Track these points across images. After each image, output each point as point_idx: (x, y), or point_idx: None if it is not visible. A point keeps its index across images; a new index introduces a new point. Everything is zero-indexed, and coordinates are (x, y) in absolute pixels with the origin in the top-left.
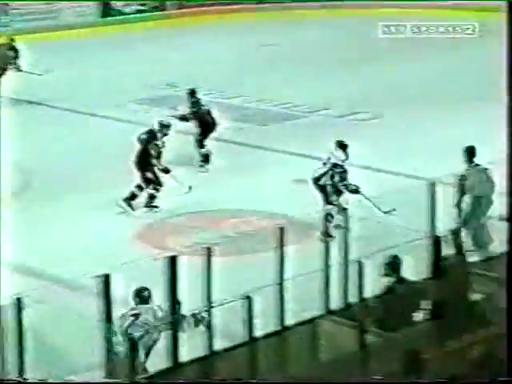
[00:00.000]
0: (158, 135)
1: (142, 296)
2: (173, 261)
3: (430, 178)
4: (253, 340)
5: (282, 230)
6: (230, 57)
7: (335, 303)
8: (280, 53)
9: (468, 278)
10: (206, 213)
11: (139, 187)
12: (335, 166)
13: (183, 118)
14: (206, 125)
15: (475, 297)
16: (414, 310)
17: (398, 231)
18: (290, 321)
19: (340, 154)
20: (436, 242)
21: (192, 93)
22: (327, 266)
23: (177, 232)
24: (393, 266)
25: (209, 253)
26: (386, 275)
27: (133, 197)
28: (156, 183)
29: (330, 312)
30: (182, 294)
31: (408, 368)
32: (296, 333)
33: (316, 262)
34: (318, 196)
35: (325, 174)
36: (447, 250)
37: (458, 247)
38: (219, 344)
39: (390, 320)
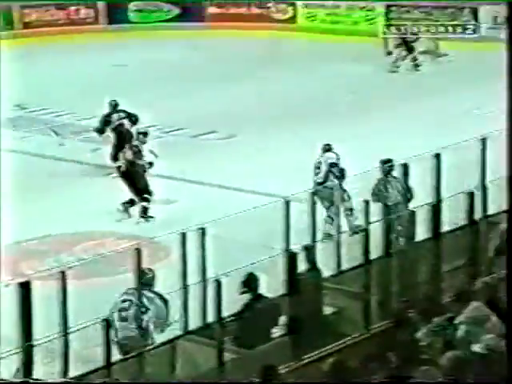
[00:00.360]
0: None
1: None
2: (25, 286)
3: (285, 195)
4: (110, 364)
5: (138, 251)
6: (81, 77)
7: (194, 323)
8: (135, 73)
9: (321, 292)
10: (61, 235)
11: (146, 200)
12: (332, 165)
13: (99, 131)
14: (122, 137)
15: (328, 311)
16: (271, 326)
17: (255, 248)
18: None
19: (331, 155)
20: (290, 258)
21: (114, 106)
22: (186, 286)
23: (30, 256)
24: (249, 283)
25: (63, 277)
26: (244, 293)
27: (145, 211)
28: (146, 193)
29: (188, 332)
30: (36, 319)
31: (265, 382)
32: (155, 354)
33: (175, 282)
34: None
35: (327, 176)
36: (302, 266)
37: (312, 263)
38: (74, 369)
39: (248, 337)
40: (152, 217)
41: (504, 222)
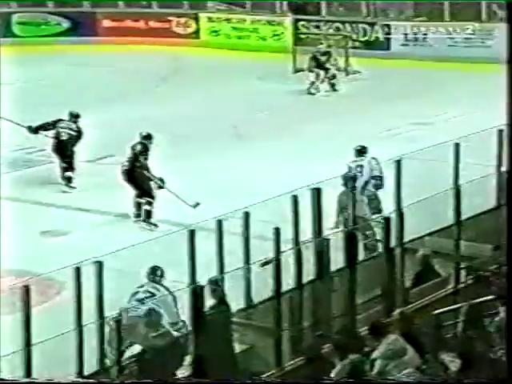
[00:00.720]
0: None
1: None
2: None
3: (190, 224)
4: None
5: (26, 288)
6: None
7: (91, 366)
8: (18, 92)
9: (230, 329)
10: None
11: (149, 203)
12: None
13: (32, 129)
14: (59, 147)
15: (238, 348)
16: (175, 366)
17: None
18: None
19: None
20: (195, 293)
21: (71, 116)
22: (80, 327)
23: None
24: (152, 320)
25: None
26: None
27: (148, 216)
28: (150, 196)
29: (83, 377)
30: None
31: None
32: None
33: (68, 322)
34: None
35: (367, 182)
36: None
37: (220, 297)
38: None
39: (152, 377)
40: (156, 225)
41: (422, 249)
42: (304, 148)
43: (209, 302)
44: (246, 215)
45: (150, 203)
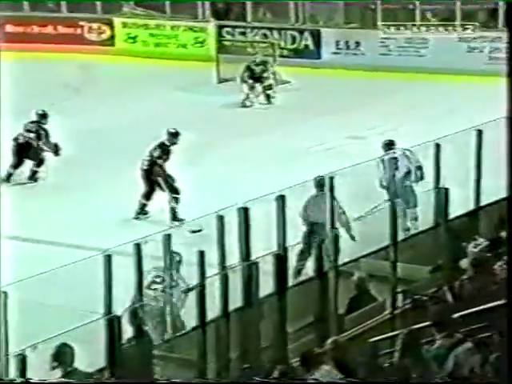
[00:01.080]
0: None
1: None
2: None
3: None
4: None
5: None
6: None
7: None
8: None
9: (151, 362)
10: None
11: (174, 199)
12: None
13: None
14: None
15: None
16: None
17: (69, 314)
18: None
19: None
20: (111, 324)
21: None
22: None
23: None
24: (61, 356)
25: None
26: (55, 368)
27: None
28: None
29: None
30: None
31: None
32: None
33: None
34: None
35: (409, 172)
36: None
37: (138, 328)
38: None
39: None
40: (182, 220)
41: (357, 272)
42: (229, 165)
43: (127, 333)
44: (168, 237)
45: (176, 199)
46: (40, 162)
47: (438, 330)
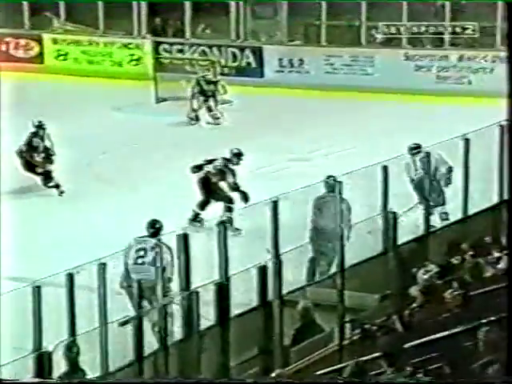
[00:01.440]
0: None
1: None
2: None
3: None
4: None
5: None
6: None
7: None
8: None
9: None
10: None
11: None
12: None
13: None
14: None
15: None
16: None
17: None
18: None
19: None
20: (40, 360)
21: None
22: None
23: None
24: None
25: None
26: None
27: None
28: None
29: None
30: None
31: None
32: None
33: None
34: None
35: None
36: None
37: (73, 363)
38: None
39: None
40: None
41: (303, 301)
42: (167, 190)
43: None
44: (103, 266)
45: (230, 209)
46: None
47: (387, 362)
